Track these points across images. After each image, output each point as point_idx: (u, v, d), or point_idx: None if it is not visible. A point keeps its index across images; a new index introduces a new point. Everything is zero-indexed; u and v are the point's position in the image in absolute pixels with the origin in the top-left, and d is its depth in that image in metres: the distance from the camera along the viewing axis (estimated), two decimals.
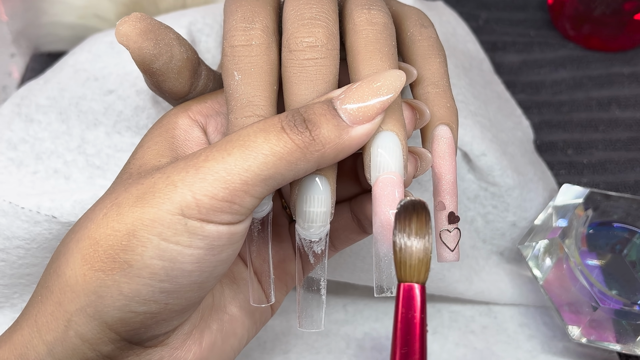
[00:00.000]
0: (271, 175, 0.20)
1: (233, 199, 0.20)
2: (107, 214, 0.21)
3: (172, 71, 0.24)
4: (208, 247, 0.21)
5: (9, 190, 0.32)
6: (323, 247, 0.24)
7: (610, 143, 0.44)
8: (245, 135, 0.21)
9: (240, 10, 0.24)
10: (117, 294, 0.21)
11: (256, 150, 0.20)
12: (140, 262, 0.20)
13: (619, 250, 0.35)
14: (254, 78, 0.23)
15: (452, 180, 0.25)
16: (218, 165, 0.20)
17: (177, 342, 0.24)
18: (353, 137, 0.22)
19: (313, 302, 0.25)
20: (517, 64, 0.47)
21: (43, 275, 0.23)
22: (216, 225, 0.21)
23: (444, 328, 0.37)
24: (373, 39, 0.23)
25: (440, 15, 0.41)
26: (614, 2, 0.45)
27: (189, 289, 0.22)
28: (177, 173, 0.21)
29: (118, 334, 0.22)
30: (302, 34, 0.23)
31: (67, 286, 0.21)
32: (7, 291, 0.33)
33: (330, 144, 0.21)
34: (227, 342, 0.26)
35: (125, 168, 0.24)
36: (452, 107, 0.25)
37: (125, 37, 0.23)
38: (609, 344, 0.33)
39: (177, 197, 0.20)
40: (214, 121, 0.25)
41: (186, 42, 0.25)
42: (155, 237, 0.20)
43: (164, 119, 0.25)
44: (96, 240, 0.21)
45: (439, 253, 0.25)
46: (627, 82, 0.46)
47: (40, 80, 0.36)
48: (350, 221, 0.28)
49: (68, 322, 0.21)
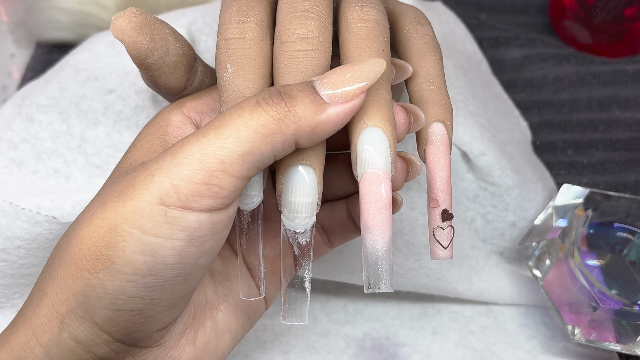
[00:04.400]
0: (248, 150, 0.20)
1: (211, 180, 0.20)
2: (94, 214, 0.21)
3: (167, 66, 0.24)
4: (189, 239, 0.21)
5: (10, 190, 0.32)
6: (308, 239, 0.23)
7: (610, 143, 0.44)
8: (221, 117, 0.21)
9: (235, 4, 0.24)
10: (102, 293, 0.21)
11: (230, 127, 0.20)
12: (123, 257, 0.20)
13: (619, 250, 0.35)
14: (247, 70, 0.23)
15: (446, 178, 0.25)
16: (193, 148, 0.20)
17: (171, 342, 0.24)
18: (330, 114, 0.21)
19: (297, 295, 0.24)
20: (519, 59, 0.47)
21: (39, 278, 0.23)
22: (197, 213, 0.20)
23: (443, 328, 0.37)
24: (364, 35, 0.23)
25: (439, 15, 0.41)
26: (615, 9, 0.45)
27: (174, 282, 0.21)
28: (155, 163, 0.20)
29: (110, 335, 0.22)
30: (294, 26, 0.23)
31: (58, 288, 0.21)
32: (7, 291, 0.33)
33: (306, 119, 0.21)
34: (222, 340, 0.26)
35: (116, 168, 0.24)
36: (447, 104, 0.25)
37: (120, 31, 0.23)
38: (609, 344, 0.33)
39: (155, 187, 0.20)
40: (209, 118, 0.25)
41: (182, 38, 0.25)
42: (135, 230, 0.20)
43: (158, 117, 0.25)
44: (82, 239, 0.21)
45: (432, 250, 0.25)
46: (630, 81, 0.46)
47: (42, 81, 0.36)
48: (347, 219, 0.28)
49: (61, 324, 0.21)
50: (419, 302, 0.38)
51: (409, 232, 0.34)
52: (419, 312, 0.37)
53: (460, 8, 0.46)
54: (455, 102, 0.35)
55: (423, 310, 0.37)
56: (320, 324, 0.37)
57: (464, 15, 0.45)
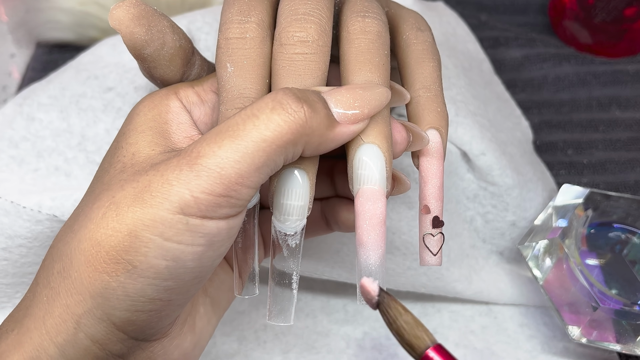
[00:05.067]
0: (264, 162, 0.20)
1: (229, 192, 0.20)
2: (106, 214, 0.21)
3: (163, 58, 0.25)
4: (209, 244, 0.21)
5: (11, 188, 0.32)
6: (298, 241, 0.24)
7: (610, 143, 0.44)
8: (234, 124, 0.21)
9: (237, 4, 0.24)
10: (122, 295, 0.21)
11: (246, 139, 0.20)
12: (145, 262, 0.20)
13: (619, 250, 0.35)
14: (246, 70, 0.23)
15: (438, 185, 0.25)
16: (210, 161, 0.20)
17: (175, 332, 0.24)
18: (337, 133, 0.22)
19: (284, 295, 0.25)
20: (519, 59, 0.47)
21: (43, 274, 0.23)
22: (216, 221, 0.21)
23: (444, 328, 0.37)
24: (365, 48, 0.24)
25: (440, 15, 0.41)
26: (615, 9, 0.45)
27: (191, 284, 0.22)
28: (171, 171, 0.21)
29: (126, 334, 0.22)
30: (294, 29, 0.23)
31: (73, 288, 0.21)
32: (9, 290, 0.33)
33: (319, 133, 0.21)
34: (210, 323, 0.27)
35: (117, 153, 0.24)
36: (443, 111, 0.25)
37: (118, 21, 0.23)
38: (609, 344, 0.33)
39: (175, 197, 0.20)
40: (198, 110, 0.25)
41: (180, 31, 0.25)
42: (157, 237, 0.20)
43: (155, 100, 0.25)
44: (97, 242, 0.21)
45: (421, 256, 0.25)
46: (630, 81, 0.46)
47: (44, 81, 0.36)
48: (319, 219, 0.29)
49: (77, 324, 0.21)
50: (419, 302, 0.38)
51: (407, 231, 0.34)
52: (419, 311, 0.37)
53: (461, 8, 0.46)
54: (456, 101, 0.35)
55: (423, 310, 0.37)
56: (320, 323, 0.37)
57: (465, 15, 0.45)
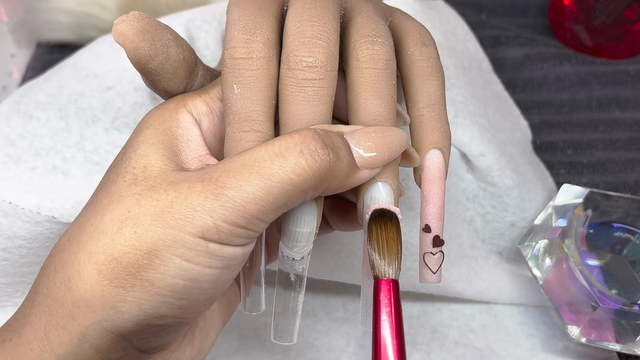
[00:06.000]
0: (284, 203, 0.21)
1: (249, 225, 0.21)
2: (122, 229, 0.21)
3: (167, 71, 0.24)
4: (225, 267, 0.22)
5: (8, 186, 0.32)
6: (305, 265, 0.25)
7: (610, 143, 0.44)
8: (261, 159, 0.21)
9: (242, 20, 0.24)
10: (136, 310, 0.21)
11: (273, 179, 0.21)
12: (162, 280, 0.21)
13: (619, 250, 0.35)
14: (253, 92, 0.23)
15: (440, 205, 0.25)
16: (237, 194, 0.21)
17: (175, 345, 0.24)
18: (356, 179, 0.23)
19: (289, 317, 0.25)
20: (520, 58, 0.47)
21: (43, 282, 0.23)
22: (233, 247, 0.21)
23: (443, 327, 0.37)
24: (375, 80, 0.24)
25: (440, 14, 0.41)
26: (614, 11, 0.45)
27: (203, 304, 0.22)
28: (195, 196, 0.21)
29: (130, 343, 0.22)
30: (303, 53, 0.23)
31: (81, 300, 0.21)
32: (9, 289, 0.33)
33: (339, 180, 0.22)
34: (209, 337, 0.27)
35: (126, 164, 0.23)
36: (446, 131, 0.26)
37: (122, 36, 0.23)
38: (609, 344, 0.33)
39: (197, 222, 0.21)
40: (207, 120, 0.25)
41: (184, 43, 0.25)
42: (177, 257, 0.21)
43: (165, 114, 0.25)
44: (114, 257, 0.21)
45: (421, 274, 0.26)
46: (631, 81, 0.46)
47: (41, 79, 0.36)
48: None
49: (83, 335, 0.21)
50: (419, 301, 0.38)
51: (407, 232, 0.34)
52: (419, 310, 0.37)
53: (461, 9, 0.46)
54: (455, 102, 0.35)
55: (423, 309, 0.38)
56: (320, 322, 0.37)
57: (465, 15, 0.45)
